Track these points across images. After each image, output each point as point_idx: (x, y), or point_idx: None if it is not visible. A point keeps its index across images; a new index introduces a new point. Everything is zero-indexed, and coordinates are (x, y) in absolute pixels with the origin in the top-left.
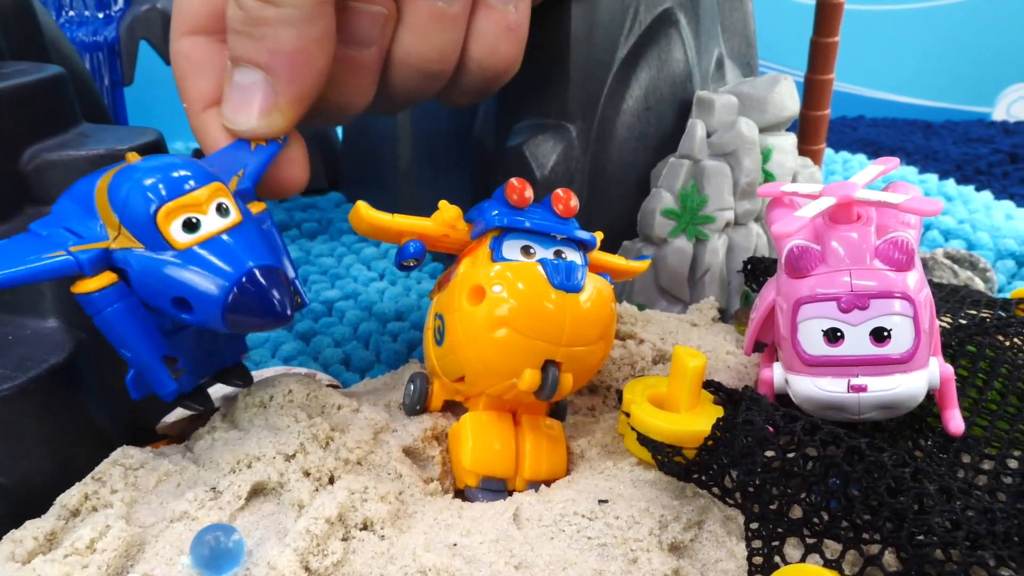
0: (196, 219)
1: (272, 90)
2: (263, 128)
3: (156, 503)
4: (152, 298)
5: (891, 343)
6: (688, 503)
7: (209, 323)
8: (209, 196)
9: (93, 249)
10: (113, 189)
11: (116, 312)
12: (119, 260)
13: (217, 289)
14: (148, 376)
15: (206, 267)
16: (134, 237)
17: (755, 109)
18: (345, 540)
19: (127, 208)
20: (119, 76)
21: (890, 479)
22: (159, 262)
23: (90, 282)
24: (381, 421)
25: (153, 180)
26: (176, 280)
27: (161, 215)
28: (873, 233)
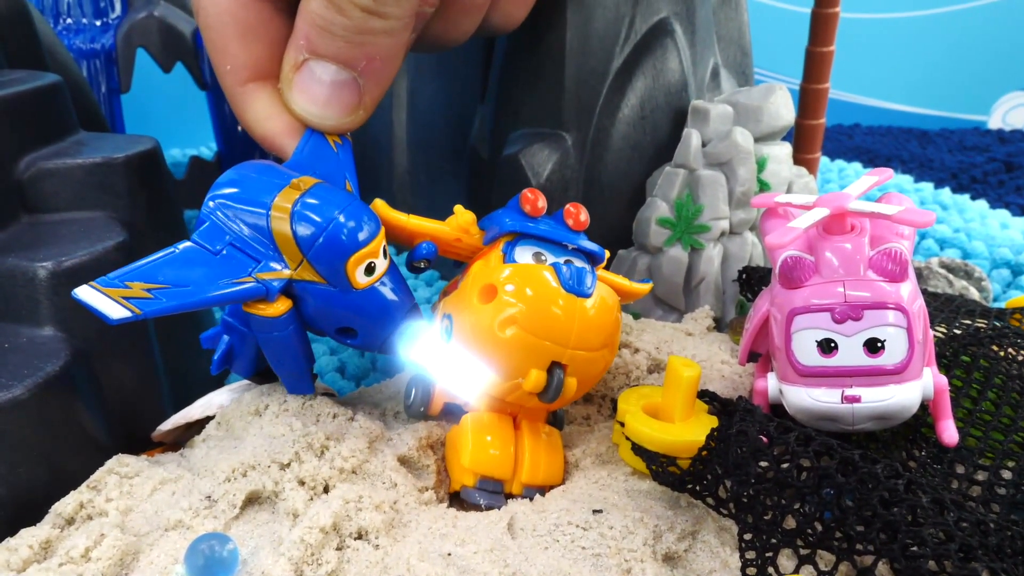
0: (373, 264)
1: (360, 90)
2: (347, 124)
3: (151, 511)
4: (322, 324)
5: (885, 354)
6: (682, 513)
7: (365, 348)
8: (380, 241)
9: (279, 279)
10: (300, 226)
11: (286, 335)
12: (298, 289)
13: (387, 324)
14: (294, 383)
15: (379, 305)
16: (319, 274)
17: (750, 119)
18: (339, 549)
19: (318, 250)
20: (116, 84)
21: (883, 490)
22: (342, 299)
23: (272, 308)
24: (376, 430)
25: (347, 228)
26: (353, 315)
27: (351, 262)
28: (867, 244)
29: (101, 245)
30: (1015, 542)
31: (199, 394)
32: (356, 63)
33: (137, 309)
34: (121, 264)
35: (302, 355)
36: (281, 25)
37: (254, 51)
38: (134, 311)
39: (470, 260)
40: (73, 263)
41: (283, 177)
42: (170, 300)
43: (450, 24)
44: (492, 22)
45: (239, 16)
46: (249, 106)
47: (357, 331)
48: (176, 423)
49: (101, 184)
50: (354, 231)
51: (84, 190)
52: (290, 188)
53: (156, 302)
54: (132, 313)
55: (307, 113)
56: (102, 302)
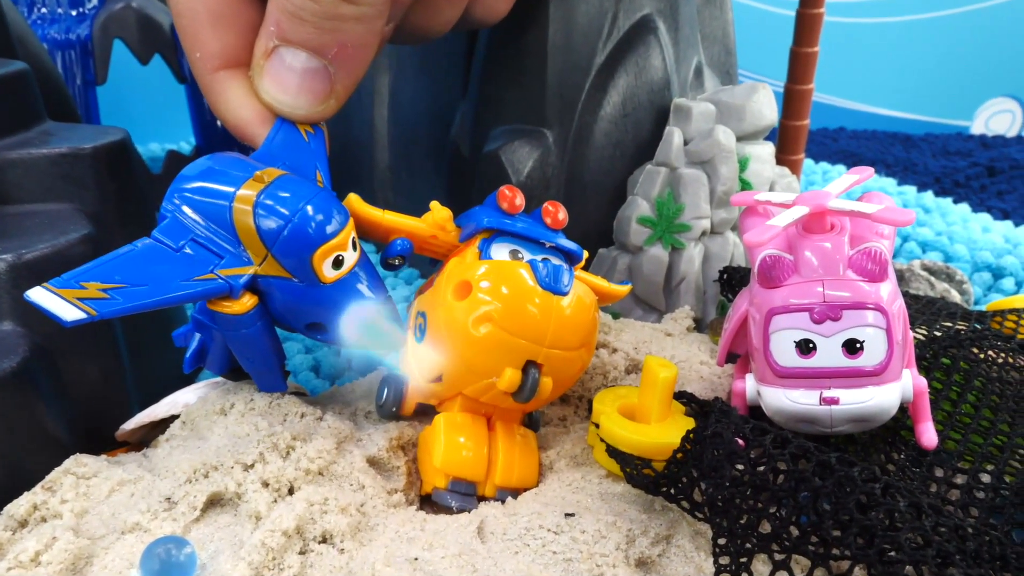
0: (342, 257)
1: (331, 78)
2: (318, 114)
3: (108, 514)
4: (290, 320)
5: (864, 355)
6: (657, 517)
7: (338, 344)
8: (348, 233)
9: (243, 275)
10: (263, 220)
11: (254, 332)
12: (263, 285)
13: (360, 316)
14: (265, 381)
15: (347, 300)
16: (285, 268)
17: (733, 117)
18: (303, 553)
19: (282, 243)
20: (92, 75)
21: (860, 494)
22: (309, 294)
23: (237, 305)
24: (345, 430)
25: (312, 220)
26: (322, 310)
27: (317, 256)
28: (847, 243)
29: (65, 238)
30: (993, 547)
31: (167, 392)
32: (327, 50)
33: (92, 310)
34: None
35: (271, 351)
36: (253, 13)
37: (225, 38)
38: (89, 312)
39: (446, 257)
40: (34, 256)
41: (247, 169)
42: (127, 300)
43: (431, 14)
44: (474, 14)
45: (211, 3)
46: (220, 94)
47: (327, 326)
48: (140, 422)
49: (67, 175)
50: (320, 223)
51: (50, 181)
52: (254, 180)
53: (112, 302)
54: (87, 314)
55: (276, 101)
56: (55, 303)
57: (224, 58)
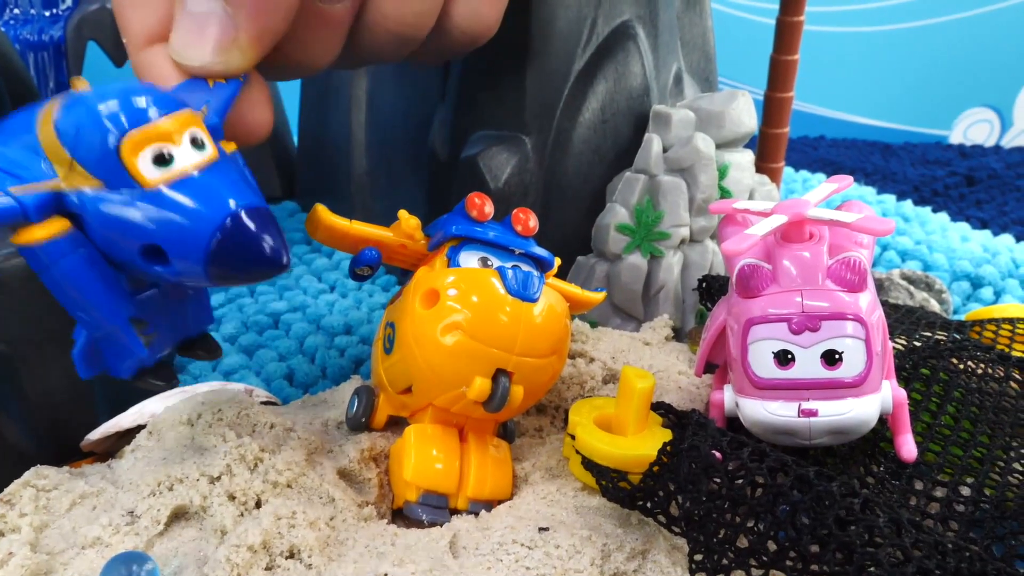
0: (168, 152)
1: (232, 23)
2: (219, 65)
3: (68, 528)
4: (115, 248)
5: (843, 366)
6: (633, 531)
7: (188, 276)
8: (181, 125)
9: (39, 191)
10: (62, 119)
11: (71, 265)
12: (72, 203)
13: (198, 234)
14: (112, 343)
15: (183, 208)
16: (91, 175)
17: (712, 125)
18: (269, 569)
19: (82, 139)
20: (65, 77)
21: (839, 509)
22: (125, 203)
23: (37, 230)
24: (316, 441)
25: (113, 106)
26: (147, 224)
27: (126, 147)
28: (825, 253)
29: None
30: (973, 563)
31: (135, 401)
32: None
33: None
34: None
35: (108, 294)
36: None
37: (145, 15)
38: None
39: (416, 267)
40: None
41: None
42: None
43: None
44: (456, 22)
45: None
46: (150, 69)
47: (166, 250)
48: (106, 432)
49: None
50: (128, 105)
51: None
52: (64, 92)
53: None
54: None
55: (176, 55)
56: None
57: (151, 35)
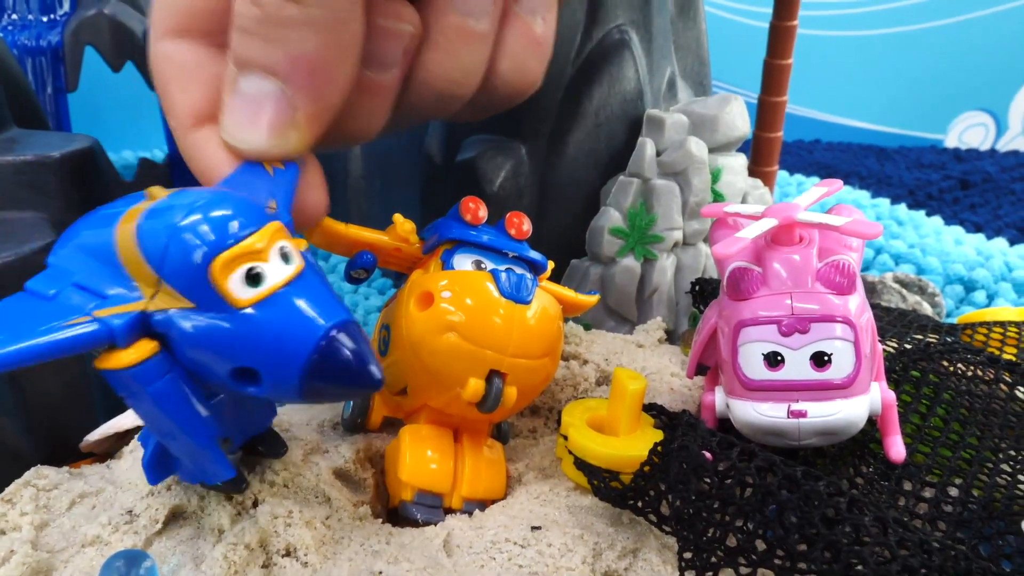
0: (259, 270)
1: (288, 103)
2: (277, 147)
3: (68, 526)
4: (205, 369)
5: (831, 368)
6: (624, 530)
7: (280, 396)
8: (270, 240)
9: (127, 313)
10: (146, 235)
11: (161, 389)
12: (160, 324)
13: (295, 356)
14: (201, 462)
15: (279, 330)
16: (181, 295)
17: (705, 129)
18: (266, 567)
19: (169, 259)
20: (63, 82)
21: (826, 508)
22: (217, 325)
23: (125, 355)
24: (312, 442)
25: (202, 223)
26: (241, 347)
27: (217, 267)
28: (815, 256)
29: (28, 246)
30: (958, 562)
31: None
32: (275, 65)
33: None
34: None
35: (197, 417)
36: (221, 64)
37: (193, 95)
38: None
39: (411, 270)
40: None
41: (137, 196)
42: None
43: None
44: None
45: (177, 62)
46: (201, 152)
47: (259, 371)
48: (105, 433)
49: (32, 183)
50: (215, 223)
51: (14, 189)
52: (138, 204)
53: None
54: None
55: (232, 138)
56: None
57: (194, 115)
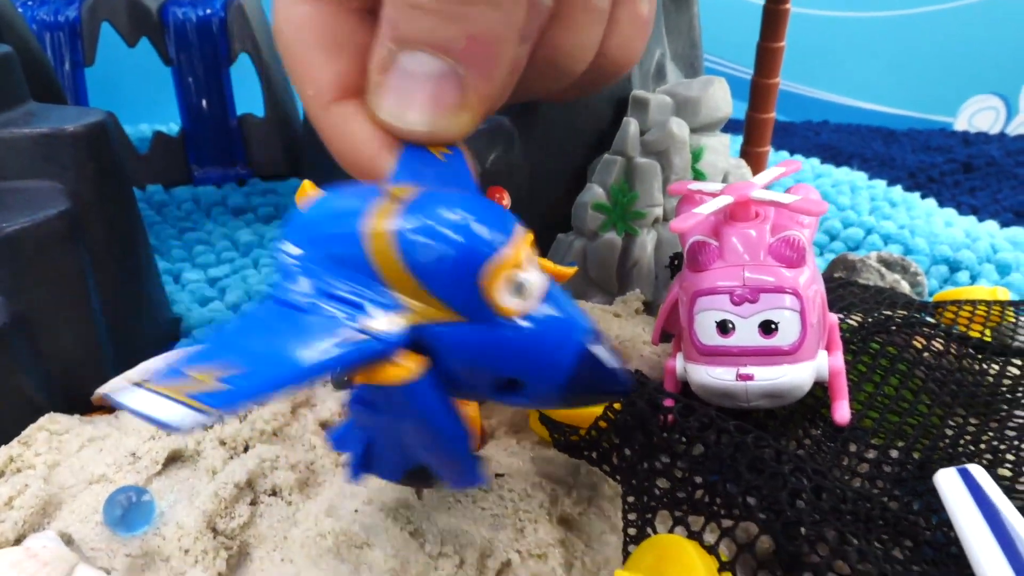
0: (521, 279)
1: (460, 84)
2: (448, 130)
3: (77, 466)
4: (468, 381)
5: (778, 335)
6: (582, 480)
7: (539, 403)
8: (524, 247)
9: (399, 326)
10: (410, 245)
11: (432, 404)
12: (428, 337)
13: (560, 365)
14: (456, 474)
15: (544, 340)
16: (450, 308)
17: (689, 110)
18: (253, 504)
19: (442, 270)
20: (80, 57)
21: (751, 457)
22: (486, 337)
23: (400, 370)
24: (301, 396)
25: (474, 231)
26: (509, 358)
27: (489, 277)
28: (768, 231)
29: (43, 213)
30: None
31: (144, 359)
32: (453, 46)
33: (206, 407)
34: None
35: (457, 430)
36: (367, 35)
37: (338, 66)
38: (201, 409)
39: None
40: (13, 230)
41: (371, 192)
42: (251, 385)
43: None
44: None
45: (319, 29)
46: (337, 128)
47: (524, 381)
48: (114, 387)
49: (47, 155)
50: (487, 232)
51: (31, 160)
52: (386, 201)
53: (231, 394)
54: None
55: (394, 119)
56: (156, 406)
57: (340, 88)
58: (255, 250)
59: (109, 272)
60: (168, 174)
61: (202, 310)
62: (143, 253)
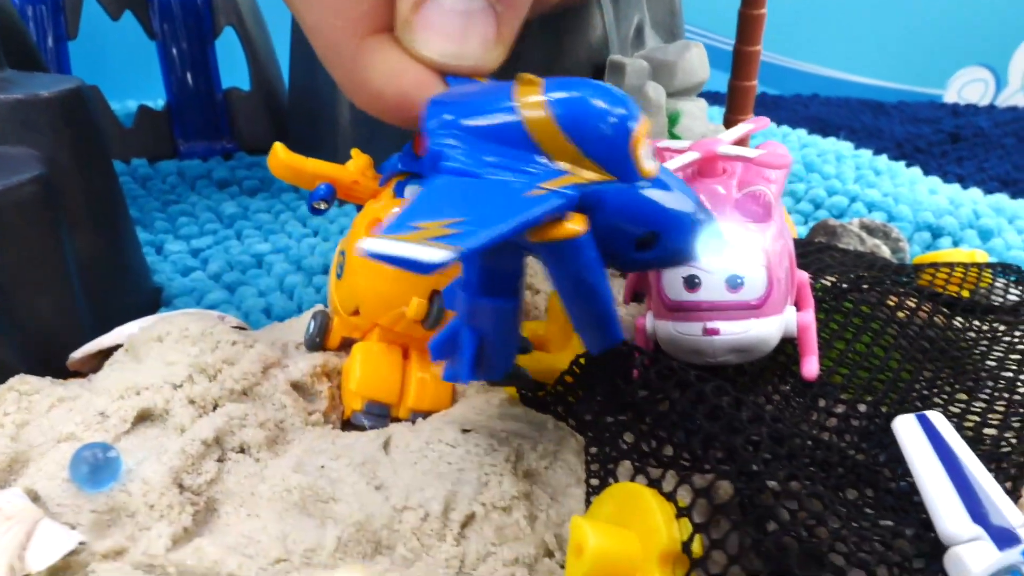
0: (653, 144)
1: (496, 18)
2: (487, 63)
3: (46, 425)
4: (619, 238)
5: (744, 290)
6: (548, 435)
7: (670, 259)
8: None
9: (573, 184)
10: (568, 116)
11: (593, 258)
12: (589, 196)
13: (688, 219)
14: (604, 325)
15: (676, 194)
16: (603, 169)
17: (665, 74)
18: (221, 461)
19: (601, 137)
20: (63, 31)
21: (709, 406)
22: (636, 195)
23: (573, 225)
24: (273, 357)
25: (619, 101)
26: (654, 213)
27: (636, 140)
28: (735, 187)
29: (17, 177)
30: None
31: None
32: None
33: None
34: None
35: (607, 286)
36: None
37: (367, 2)
38: (453, 249)
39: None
40: None
41: (497, 83)
42: (484, 228)
43: None
44: None
45: None
46: (372, 63)
47: (661, 233)
48: (88, 351)
49: (24, 121)
50: (628, 102)
51: (6, 126)
52: (522, 85)
53: (469, 235)
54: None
55: (440, 54)
56: (407, 249)
57: (370, 23)
58: (238, 222)
59: (86, 239)
60: (154, 148)
61: (183, 280)
62: (122, 222)
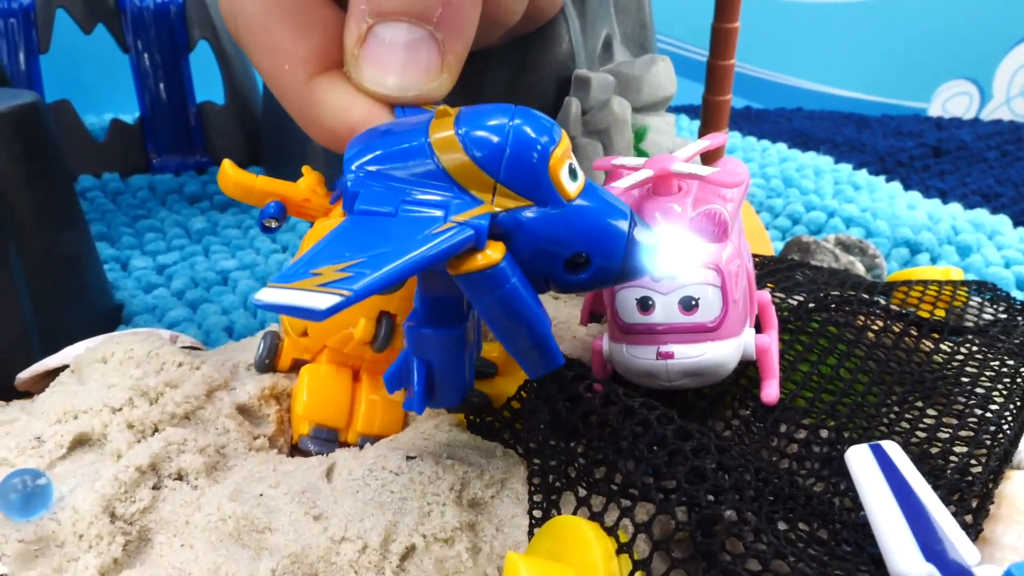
0: (574, 165)
1: (439, 47)
2: (432, 92)
3: None
4: (543, 261)
5: (699, 312)
6: (496, 462)
7: (601, 280)
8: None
9: (484, 215)
10: (477, 143)
11: (516, 286)
12: (506, 223)
13: (619, 237)
14: (546, 348)
15: (602, 213)
16: (518, 195)
17: (631, 89)
18: (156, 488)
19: (510, 161)
20: (35, 44)
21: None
22: (557, 217)
23: (488, 255)
24: (219, 379)
25: (531, 124)
26: (578, 234)
27: (554, 162)
28: (690, 205)
29: None
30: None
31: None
32: (430, 13)
33: (343, 291)
34: None
35: (539, 307)
36: (332, 11)
37: (313, 41)
38: (341, 294)
39: None
40: None
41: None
42: (375, 271)
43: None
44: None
45: (287, 6)
46: (321, 101)
47: (590, 255)
48: (35, 372)
49: None
50: (542, 124)
51: None
52: (436, 120)
53: (360, 277)
54: (340, 298)
55: (381, 86)
56: (298, 297)
57: (317, 62)
58: (207, 237)
59: (37, 256)
60: (126, 162)
61: (146, 297)
62: (79, 238)
